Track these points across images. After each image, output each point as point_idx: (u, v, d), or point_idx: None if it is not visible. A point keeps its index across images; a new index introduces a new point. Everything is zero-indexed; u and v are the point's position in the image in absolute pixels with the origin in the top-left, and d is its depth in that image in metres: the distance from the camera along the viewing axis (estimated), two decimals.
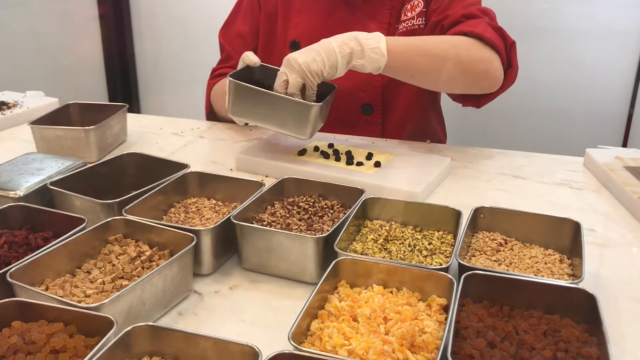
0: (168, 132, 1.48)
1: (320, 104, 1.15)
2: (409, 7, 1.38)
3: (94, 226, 0.84)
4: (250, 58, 1.24)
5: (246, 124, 1.26)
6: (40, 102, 1.62)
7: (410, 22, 1.37)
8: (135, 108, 2.97)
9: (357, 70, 1.18)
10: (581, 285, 0.73)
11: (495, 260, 0.85)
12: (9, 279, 0.71)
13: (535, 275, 0.80)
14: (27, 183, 0.98)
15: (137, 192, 0.94)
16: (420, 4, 1.36)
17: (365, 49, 1.14)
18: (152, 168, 1.08)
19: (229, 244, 0.89)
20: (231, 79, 1.17)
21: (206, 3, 2.67)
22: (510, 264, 0.84)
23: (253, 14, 1.52)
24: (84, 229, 0.84)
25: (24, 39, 2.59)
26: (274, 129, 1.18)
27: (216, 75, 1.53)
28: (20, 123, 1.51)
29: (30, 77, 2.58)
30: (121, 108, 1.36)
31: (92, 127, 1.23)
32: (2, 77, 2.40)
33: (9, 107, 1.56)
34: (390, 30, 1.39)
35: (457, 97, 1.36)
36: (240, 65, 1.26)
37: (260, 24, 1.51)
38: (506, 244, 0.89)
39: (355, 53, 1.14)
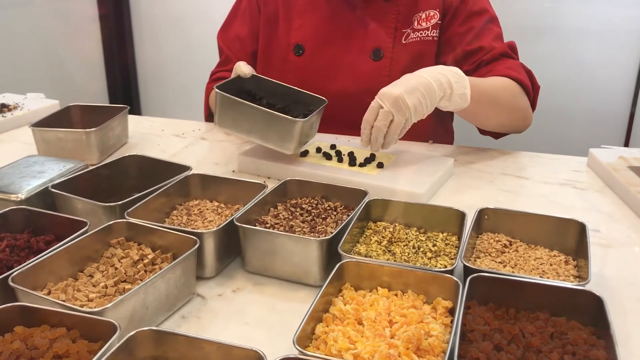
0: (169, 133, 1.47)
1: (304, 119, 1.14)
2: (423, 16, 1.38)
3: (96, 229, 0.83)
4: (242, 69, 1.24)
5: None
6: (41, 104, 1.61)
7: (424, 33, 1.38)
8: (136, 109, 2.96)
9: (440, 108, 1.19)
10: (587, 287, 0.72)
11: (500, 262, 0.84)
12: (11, 284, 0.71)
13: (540, 277, 0.79)
14: (28, 186, 0.97)
15: (139, 195, 0.94)
16: (435, 16, 1.37)
17: (454, 93, 1.16)
18: (153, 170, 1.08)
19: (232, 247, 0.88)
20: (218, 90, 1.16)
21: (206, 4, 2.67)
22: (516, 265, 0.83)
23: (252, 17, 1.51)
24: (86, 232, 0.83)
25: (25, 41, 2.59)
26: (259, 142, 1.19)
27: (215, 79, 1.52)
28: (21, 125, 1.51)
29: (30, 79, 2.58)
30: (122, 110, 1.35)
31: (93, 129, 1.23)
32: (2, 79, 2.39)
33: (9, 110, 1.55)
34: (396, 34, 1.39)
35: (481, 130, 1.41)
36: (232, 75, 1.26)
37: (259, 26, 1.50)
38: (511, 245, 0.88)
39: (446, 96, 1.16)
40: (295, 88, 1.26)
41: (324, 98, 1.23)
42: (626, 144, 2.25)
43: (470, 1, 1.37)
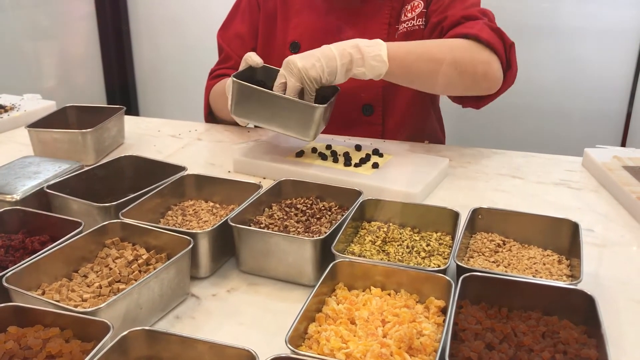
0: (166, 134, 1.47)
1: (325, 105, 1.14)
2: (409, 7, 1.38)
3: (90, 230, 0.84)
4: (253, 59, 1.24)
5: (249, 124, 1.26)
6: (38, 105, 1.61)
7: (411, 23, 1.37)
8: (133, 110, 2.96)
9: (358, 78, 1.18)
10: (580, 286, 0.72)
11: (493, 262, 0.84)
12: (5, 284, 0.71)
13: (533, 276, 0.80)
14: (23, 187, 0.97)
15: (134, 195, 0.94)
16: (420, 5, 1.37)
17: (365, 56, 1.14)
18: (149, 171, 1.08)
19: (226, 247, 0.89)
20: (235, 79, 1.17)
21: (203, 4, 2.67)
22: (509, 265, 0.84)
23: (252, 14, 1.52)
24: (80, 232, 0.84)
25: (21, 42, 2.59)
26: (278, 130, 1.18)
27: (215, 76, 1.53)
28: (18, 126, 1.51)
29: (27, 80, 2.58)
30: (118, 110, 1.35)
31: (89, 130, 1.23)
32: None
33: (6, 110, 1.55)
34: (390, 30, 1.39)
35: (456, 99, 1.36)
36: (242, 66, 1.26)
37: (259, 24, 1.51)
38: (504, 244, 0.89)
39: (356, 61, 1.15)
40: None
41: (335, 85, 1.22)
42: (623, 144, 2.26)
43: None
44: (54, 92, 2.65)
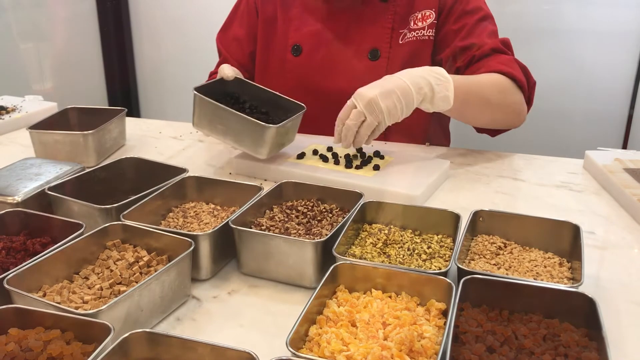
0: (167, 135, 1.48)
1: (277, 126, 1.15)
2: (419, 16, 1.38)
3: (91, 232, 0.84)
4: (225, 72, 1.26)
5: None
6: (39, 106, 1.62)
7: (420, 32, 1.39)
8: (135, 111, 2.97)
9: (422, 109, 1.19)
10: (581, 289, 0.72)
11: (494, 264, 0.84)
12: (6, 286, 0.71)
13: (534, 279, 0.80)
14: (25, 188, 0.97)
15: (135, 197, 0.94)
16: (431, 16, 1.38)
17: (435, 95, 1.16)
18: (150, 172, 1.08)
19: (227, 249, 0.89)
20: (195, 92, 1.18)
21: (205, 6, 2.67)
22: (510, 267, 0.84)
23: (250, 18, 1.53)
24: (81, 234, 0.84)
25: (23, 43, 2.59)
26: (233, 145, 1.20)
27: None
28: (19, 127, 1.52)
29: (28, 81, 2.58)
30: (120, 112, 1.36)
31: (90, 131, 1.23)
32: (0, 81, 2.40)
33: (7, 112, 1.56)
34: (393, 35, 1.39)
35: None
36: (217, 77, 1.28)
37: (257, 28, 1.52)
38: (505, 247, 0.89)
39: (427, 98, 1.16)
40: (276, 93, 1.28)
41: (302, 104, 1.24)
42: (624, 145, 2.25)
43: (464, 0, 1.38)
44: (56, 94, 2.66)
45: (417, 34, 1.39)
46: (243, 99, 1.27)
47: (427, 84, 1.15)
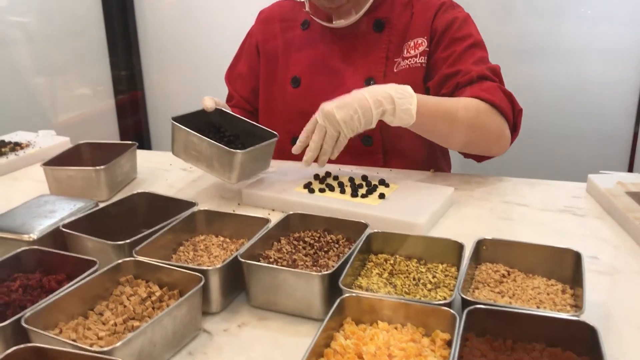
0: (177, 167, 1.51)
1: (243, 151, 1.19)
2: (412, 44, 1.42)
3: (105, 268, 0.86)
4: (205, 103, 1.32)
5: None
6: (53, 141, 1.66)
7: (413, 60, 1.41)
8: (146, 143, 3.01)
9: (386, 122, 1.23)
10: (585, 314, 0.74)
11: (498, 292, 0.86)
12: (24, 325, 0.74)
13: (538, 307, 0.81)
14: (40, 226, 1.00)
15: (147, 232, 0.97)
16: (423, 43, 1.41)
17: (397, 109, 1.19)
18: (161, 207, 1.11)
19: (237, 282, 0.91)
20: (172, 121, 1.24)
21: (213, 38, 2.73)
22: (514, 295, 0.85)
23: (251, 57, 1.61)
24: (95, 271, 0.86)
25: (35, 77, 2.65)
26: (205, 170, 1.25)
27: None
28: (34, 163, 1.55)
29: (41, 116, 2.64)
30: (131, 147, 1.39)
31: (102, 167, 1.27)
32: (15, 116, 2.46)
33: (22, 148, 1.60)
34: (388, 63, 1.43)
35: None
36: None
37: (259, 65, 1.59)
38: (509, 275, 0.90)
39: (388, 111, 1.20)
40: (252, 122, 1.34)
41: (274, 132, 1.29)
42: (630, 165, 2.26)
43: (454, 27, 1.40)
44: (68, 127, 2.71)
45: (409, 62, 1.42)
46: (224, 129, 1.33)
47: (387, 97, 1.19)
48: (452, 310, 0.74)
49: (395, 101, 1.19)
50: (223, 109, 1.36)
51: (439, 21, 1.41)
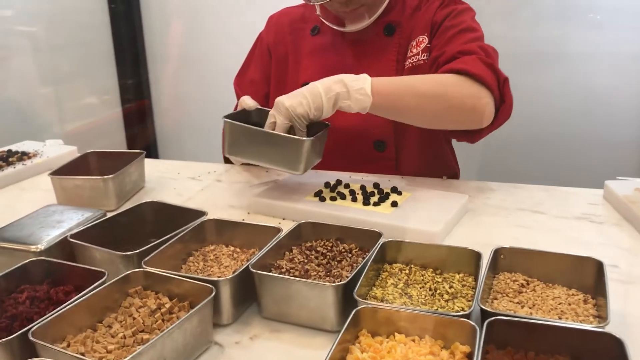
0: (185, 176, 1.49)
1: (311, 138, 1.17)
2: (414, 43, 1.41)
3: (114, 280, 0.84)
4: (246, 102, 1.31)
5: (243, 163, 1.29)
6: (60, 150, 1.65)
7: (416, 58, 1.40)
8: (153, 151, 3.00)
9: (345, 111, 1.21)
10: (607, 328, 0.71)
11: (517, 302, 0.83)
12: (31, 338, 0.72)
13: (559, 317, 0.79)
14: (47, 237, 0.99)
15: (156, 242, 0.95)
16: (424, 40, 1.39)
17: (350, 90, 1.18)
18: (170, 216, 1.09)
19: (248, 292, 0.89)
20: (225, 119, 1.21)
21: (221, 46, 2.72)
22: (534, 305, 0.83)
23: (264, 62, 1.58)
24: (104, 282, 0.84)
25: (41, 87, 2.65)
26: (269, 166, 1.22)
27: None
28: (41, 172, 1.54)
29: (48, 125, 2.63)
30: (139, 155, 1.37)
31: (110, 176, 1.25)
32: (21, 126, 2.45)
33: (29, 157, 1.59)
34: (398, 67, 1.41)
35: (449, 132, 1.38)
36: (238, 109, 1.31)
37: (271, 70, 1.56)
38: (528, 284, 0.88)
39: (341, 95, 1.18)
40: None
41: (327, 122, 1.26)
42: None
43: (450, 17, 1.38)
44: (75, 137, 2.71)
45: (412, 60, 1.40)
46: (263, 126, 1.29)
47: (338, 82, 1.18)
48: (471, 322, 0.72)
49: (347, 84, 1.17)
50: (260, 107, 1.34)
51: (437, 16, 1.39)
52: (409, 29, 1.43)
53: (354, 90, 1.18)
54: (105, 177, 1.25)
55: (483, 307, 0.76)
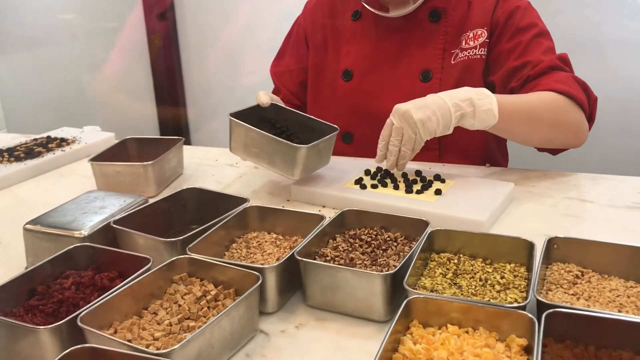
0: (223, 163, 1.48)
1: (308, 146, 1.15)
2: (470, 35, 1.36)
3: (159, 266, 0.84)
4: (260, 98, 1.28)
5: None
6: (98, 137, 1.65)
7: (472, 52, 1.36)
8: (185, 139, 3.01)
9: (466, 128, 1.18)
10: None
11: (572, 294, 0.80)
12: (80, 324, 0.71)
13: (619, 310, 0.75)
14: (91, 222, 0.98)
15: (199, 229, 0.94)
16: (483, 34, 1.35)
17: (477, 110, 1.14)
18: (211, 203, 1.08)
19: (292, 280, 0.87)
20: (230, 117, 1.20)
21: (252, 32, 2.70)
22: (590, 297, 0.79)
23: (300, 50, 1.56)
24: (149, 269, 0.84)
25: (79, 74, 2.67)
26: (266, 167, 1.21)
27: None
28: (79, 158, 1.55)
29: (85, 112, 2.66)
30: (178, 142, 1.37)
31: (150, 162, 1.24)
32: (60, 113, 2.48)
33: (68, 144, 1.60)
34: (445, 55, 1.38)
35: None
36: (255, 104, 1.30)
37: (307, 58, 1.54)
38: (583, 275, 0.84)
39: (468, 114, 1.15)
40: (309, 116, 1.29)
41: (335, 126, 1.24)
42: None
43: (517, 16, 1.34)
44: (110, 123, 2.72)
45: (468, 53, 1.37)
46: (280, 124, 1.28)
47: (466, 99, 1.14)
48: (529, 314, 0.69)
49: (474, 103, 1.14)
50: (278, 103, 1.32)
51: (500, 11, 1.35)
52: (457, 16, 1.38)
53: (481, 110, 1.14)
54: (145, 163, 1.24)
55: (540, 299, 0.73)
